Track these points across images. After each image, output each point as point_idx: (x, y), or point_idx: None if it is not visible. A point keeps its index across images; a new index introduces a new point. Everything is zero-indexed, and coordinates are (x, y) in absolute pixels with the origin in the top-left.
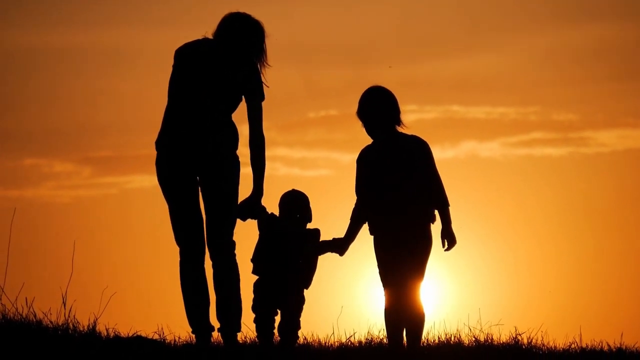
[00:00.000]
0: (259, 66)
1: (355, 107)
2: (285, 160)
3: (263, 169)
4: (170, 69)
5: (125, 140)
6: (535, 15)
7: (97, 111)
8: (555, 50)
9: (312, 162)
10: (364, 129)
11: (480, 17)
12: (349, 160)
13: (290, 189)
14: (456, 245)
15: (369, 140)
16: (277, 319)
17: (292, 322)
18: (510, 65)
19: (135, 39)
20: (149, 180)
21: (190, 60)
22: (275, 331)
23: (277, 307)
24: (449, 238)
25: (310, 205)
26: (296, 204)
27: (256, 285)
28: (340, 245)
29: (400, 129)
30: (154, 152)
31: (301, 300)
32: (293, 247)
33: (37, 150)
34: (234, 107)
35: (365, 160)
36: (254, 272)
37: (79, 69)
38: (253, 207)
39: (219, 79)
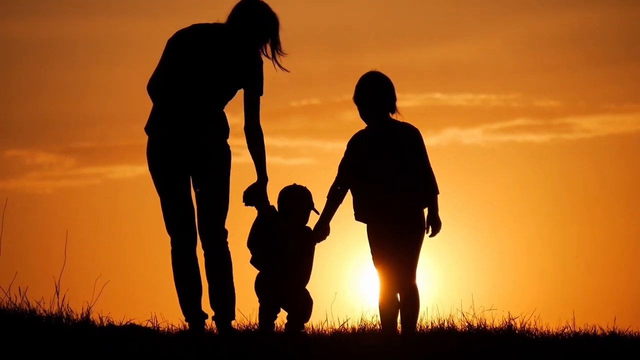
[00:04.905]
0: (273, 55)
1: (337, 95)
2: (267, 149)
3: (263, 157)
4: (156, 57)
5: (108, 130)
6: (516, 2)
7: (79, 102)
8: (536, 37)
9: (294, 150)
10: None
11: (461, 4)
12: (332, 148)
13: (292, 183)
14: (445, 231)
15: (348, 129)
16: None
17: (298, 323)
18: (491, 52)
19: (119, 30)
20: (132, 171)
21: (192, 43)
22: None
23: (279, 306)
24: (434, 224)
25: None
26: (296, 199)
27: (256, 284)
28: (319, 227)
29: (394, 117)
30: (137, 142)
31: (307, 301)
32: (287, 245)
33: (19, 141)
34: (229, 97)
35: (355, 145)
36: (252, 262)
37: (60, 60)
38: (257, 194)
39: (220, 66)
